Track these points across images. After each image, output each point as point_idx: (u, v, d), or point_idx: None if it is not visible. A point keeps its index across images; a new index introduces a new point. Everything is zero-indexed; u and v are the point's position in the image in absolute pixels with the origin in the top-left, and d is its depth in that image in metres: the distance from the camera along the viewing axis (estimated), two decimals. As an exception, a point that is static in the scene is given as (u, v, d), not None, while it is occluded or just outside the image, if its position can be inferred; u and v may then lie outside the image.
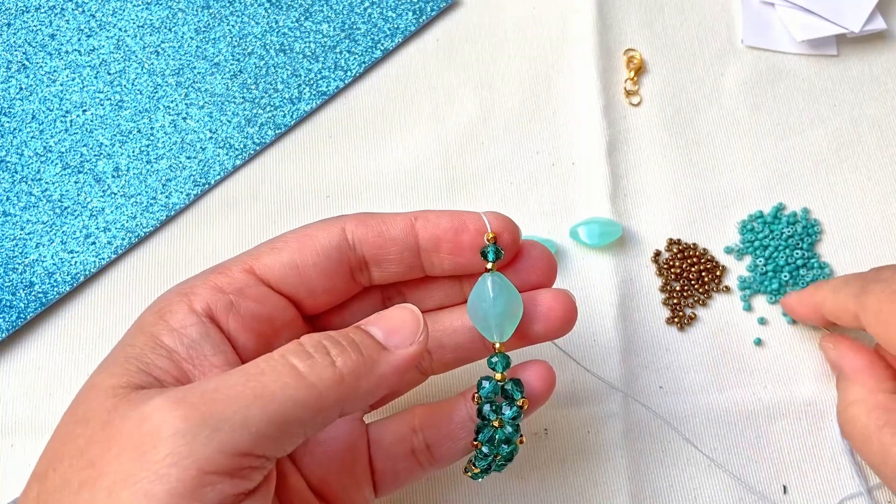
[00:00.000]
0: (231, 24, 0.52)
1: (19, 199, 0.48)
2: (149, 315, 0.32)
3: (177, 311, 0.32)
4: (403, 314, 0.32)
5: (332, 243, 0.34)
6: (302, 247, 0.34)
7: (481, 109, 0.52)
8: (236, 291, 0.33)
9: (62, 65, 0.51)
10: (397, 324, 0.32)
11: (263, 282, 0.34)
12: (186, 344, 0.31)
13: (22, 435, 0.45)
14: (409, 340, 0.32)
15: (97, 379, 0.30)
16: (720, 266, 0.50)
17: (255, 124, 0.51)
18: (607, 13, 0.54)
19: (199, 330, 0.32)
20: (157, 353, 0.31)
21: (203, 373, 0.31)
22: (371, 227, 0.35)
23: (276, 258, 0.34)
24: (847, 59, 0.55)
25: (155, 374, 0.30)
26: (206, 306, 0.32)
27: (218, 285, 0.33)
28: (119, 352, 0.31)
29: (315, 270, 0.34)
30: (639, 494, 0.45)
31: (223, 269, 0.34)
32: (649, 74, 0.54)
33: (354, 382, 0.30)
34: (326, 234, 0.34)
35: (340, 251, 0.34)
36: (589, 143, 0.52)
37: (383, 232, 0.35)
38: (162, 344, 0.31)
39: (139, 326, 0.32)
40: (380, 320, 0.32)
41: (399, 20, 0.53)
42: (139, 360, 0.31)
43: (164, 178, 0.49)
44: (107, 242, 0.48)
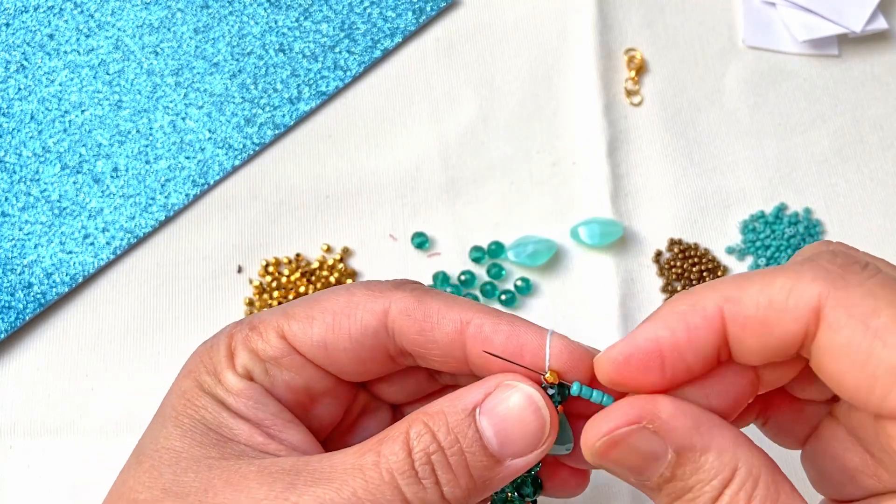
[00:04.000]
0: (230, 24, 0.52)
1: (18, 199, 0.48)
2: (204, 373, 0.31)
3: (225, 370, 0.31)
4: (526, 412, 0.28)
5: (370, 330, 0.31)
6: (336, 325, 0.31)
7: (481, 109, 0.52)
8: (272, 360, 0.31)
9: (61, 65, 0.51)
10: (517, 429, 0.28)
11: (297, 351, 0.31)
12: (251, 407, 0.30)
13: (21, 436, 0.45)
14: (528, 449, 0.28)
15: (176, 444, 0.29)
16: (722, 266, 0.50)
17: (255, 124, 0.50)
18: (608, 13, 0.54)
19: (255, 392, 0.31)
20: (234, 418, 0.30)
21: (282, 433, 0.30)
22: (415, 322, 0.30)
23: (306, 332, 0.31)
24: (849, 59, 0.55)
25: (241, 440, 0.29)
26: (245, 370, 0.31)
27: (254, 348, 0.31)
28: (192, 413, 0.30)
29: (346, 355, 0.31)
30: (639, 495, 0.45)
31: (259, 325, 0.32)
32: (650, 74, 0.53)
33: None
34: (364, 317, 0.30)
35: (377, 339, 0.31)
36: (589, 142, 0.51)
37: (427, 331, 0.30)
38: (230, 407, 0.30)
39: (197, 384, 0.31)
40: (496, 417, 0.28)
41: (399, 20, 0.53)
42: (220, 426, 0.29)
43: (163, 178, 0.49)
44: (105, 243, 0.48)
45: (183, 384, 0.31)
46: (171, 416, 0.30)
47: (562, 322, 0.48)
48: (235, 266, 0.49)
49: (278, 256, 0.49)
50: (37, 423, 0.45)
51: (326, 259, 0.49)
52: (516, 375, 0.28)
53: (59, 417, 0.46)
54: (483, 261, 0.49)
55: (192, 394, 0.30)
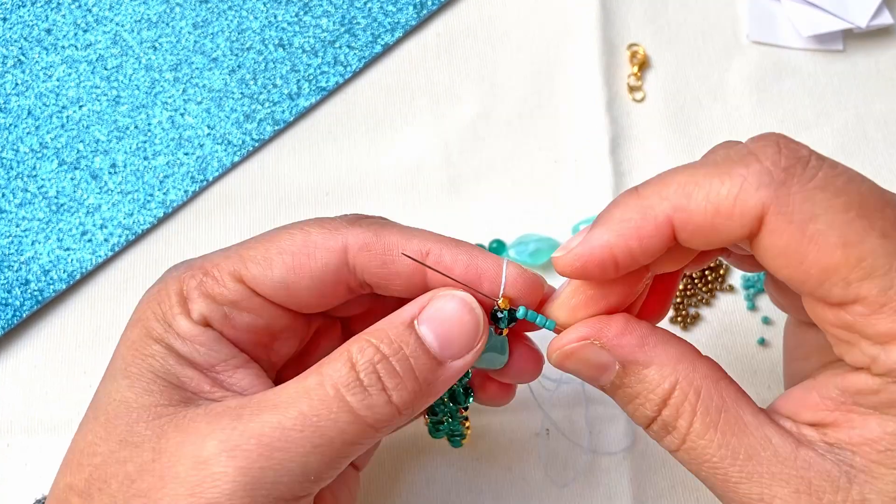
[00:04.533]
0: (229, 19, 0.52)
1: (15, 195, 0.48)
2: (153, 319, 0.31)
3: (178, 317, 0.31)
4: (462, 314, 0.30)
5: (330, 266, 0.31)
6: (297, 265, 0.31)
7: (482, 105, 0.52)
8: (230, 303, 0.31)
9: (58, 60, 0.50)
10: (454, 329, 0.29)
11: (256, 293, 0.32)
12: (202, 353, 0.31)
13: (18, 434, 0.45)
14: (466, 349, 0.30)
15: (127, 395, 0.30)
16: (724, 265, 0.49)
17: (254, 120, 0.50)
18: (611, 8, 0.54)
19: (208, 337, 0.31)
20: (181, 365, 0.30)
21: (231, 377, 0.31)
22: (375, 256, 0.31)
23: (267, 273, 0.31)
24: (853, 55, 0.54)
25: (189, 388, 0.30)
26: (202, 316, 0.31)
27: (210, 293, 0.31)
28: (140, 362, 0.30)
29: (307, 292, 0.32)
30: (640, 495, 0.45)
31: (213, 269, 0.32)
32: (653, 70, 0.53)
33: (408, 413, 0.29)
34: (325, 255, 0.31)
35: (338, 274, 0.32)
36: (592, 139, 0.51)
37: (388, 264, 0.31)
38: (180, 353, 0.31)
39: (147, 332, 0.31)
40: (434, 322, 0.29)
41: (399, 14, 0.52)
42: (167, 373, 0.30)
43: (162, 174, 0.49)
44: (103, 240, 0.48)
45: (131, 334, 0.31)
46: (120, 367, 0.31)
47: (563, 320, 0.48)
48: (234, 263, 0.49)
49: (277, 253, 0.49)
50: (34, 420, 0.45)
51: (326, 256, 0.49)
52: (447, 288, 0.30)
53: (56, 415, 0.45)
54: (484, 258, 0.49)
55: (140, 343, 0.31)
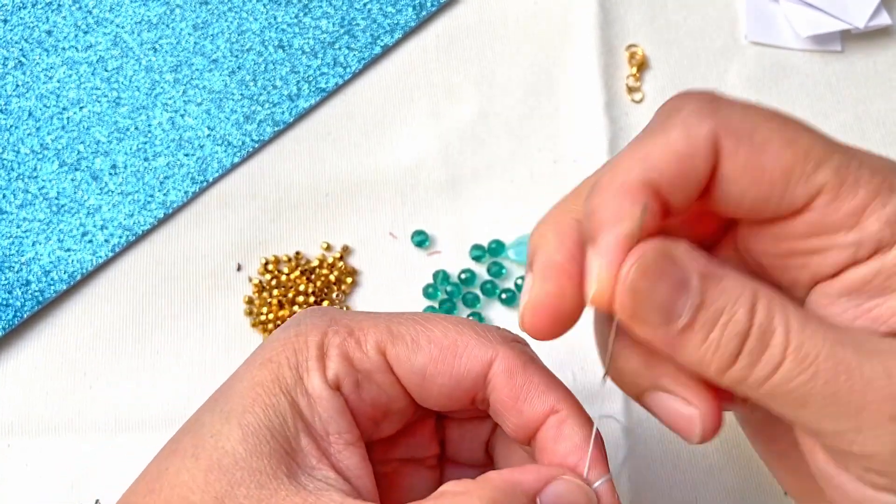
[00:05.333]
0: (229, 21, 0.52)
1: (15, 196, 0.48)
2: (286, 367, 0.30)
3: (313, 372, 0.30)
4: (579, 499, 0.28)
5: (471, 374, 0.30)
6: (441, 360, 0.30)
7: (482, 106, 0.52)
8: (365, 372, 0.30)
9: (59, 61, 0.50)
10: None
11: (392, 370, 0.31)
12: (323, 418, 0.29)
13: (19, 435, 0.45)
14: None
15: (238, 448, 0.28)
16: (723, 264, 0.49)
17: (254, 121, 0.50)
18: (609, 8, 0.54)
19: (334, 404, 0.30)
20: (299, 430, 0.29)
21: (340, 453, 0.29)
22: (513, 388, 0.30)
23: (410, 357, 0.30)
24: (852, 55, 0.54)
25: (298, 459, 0.29)
26: (336, 378, 0.30)
27: (350, 357, 0.30)
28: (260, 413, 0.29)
29: (439, 389, 0.31)
30: (640, 496, 0.45)
31: (360, 334, 0.31)
32: (652, 70, 0.53)
33: None
34: (471, 361, 0.30)
35: (475, 385, 0.31)
36: (591, 139, 0.51)
37: (520, 401, 0.30)
38: (302, 415, 0.29)
39: (276, 379, 0.29)
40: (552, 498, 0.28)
41: (399, 16, 0.52)
42: (285, 438, 0.28)
43: (162, 175, 0.49)
44: (104, 240, 0.48)
45: (258, 374, 0.30)
46: (237, 411, 0.29)
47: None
48: (235, 264, 0.49)
49: (278, 254, 0.49)
50: (35, 421, 0.45)
51: (326, 257, 0.49)
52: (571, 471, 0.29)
53: (57, 416, 0.46)
54: (483, 259, 0.49)
55: (266, 388, 0.29)
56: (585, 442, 0.30)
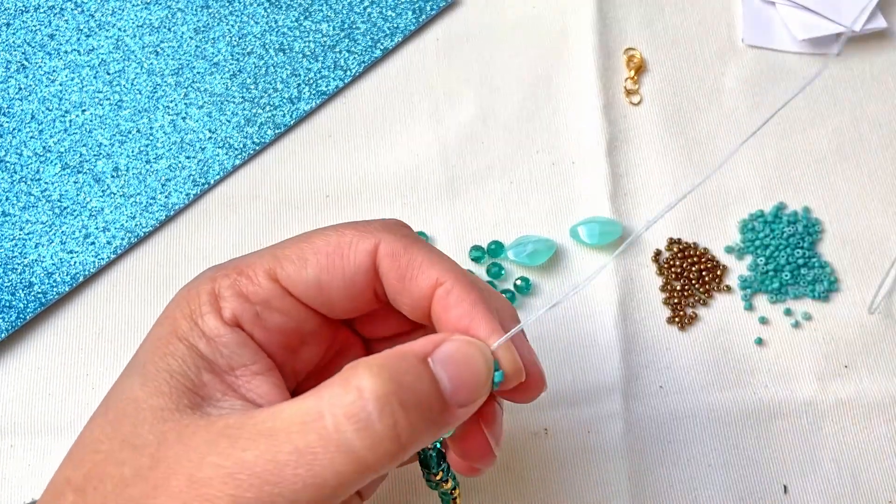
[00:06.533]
0: (230, 24, 0.52)
1: (18, 199, 0.48)
2: (181, 317, 0.31)
3: (207, 316, 0.31)
4: (477, 361, 0.29)
5: (362, 268, 0.32)
6: (330, 266, 0.31)
7: (481, 109, 0.52)
8: (262, 302, 0.31)
9: (61, 65, 0.51)
10: (468, 375, 0.29)
11: (289, 292, 0.32)
12: (225, 354, 0.30)
13: (21, 435, 0.45)
14: (473, 397, 0.29)
15: (138, 393, 0.29)
16: (721, 265, 0.50)
17: (255, 124, 0.50)
18: (607, 12, 0.54)
19: (234, 339, 0.30)
20: (200, 367, 0.30)
21: (249, 383, 0.30)
22: (398, 268, 0.32)
23: (301, 272, 0.31)
24: (848, 58, 0.55)
25: (201, 392, 0.29)
26: (233, 315, 0.31)
27: (243, 292, 0.31)
28: (158, 360, 0.30)
29: (339, 293, 0.32)
30: (639, 494, 0.45)
31: (247, 269, 0.32)
32: (649, 73, 0.54)
33: (408, 454, 0.27)
34: (357, 256, 0.32)
35: (368, 276, 0.32)
36: (589, 142, 0.51)
37: (406, 279, 0.32)
38: (202, 355, 0.30)
39: (172, 330, 0.31)
40: (449, 363, 0.28)
41: (399, 19, 0.53)
42: (184, 376, 0.29)
43: (164, 177, 0.49)
44: (106, 242, 0.48)
45: (157, 330, 0.31)
46: (138, 363, 0.30)
47: (561, 321, 0.48)
48: (236, 265, 0.49)
49: (278, 256, 0.49)
50: (37, 422, 0.46)
51: (326, 258, 0.49)
52: (460, 334, 0.30)
53: (59, 416, 0.46)
54: (483, 260, 0.49)
55: (163, 340, 0.30)
56: (474, 307, 0.31)
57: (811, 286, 0.49)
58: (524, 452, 0.46)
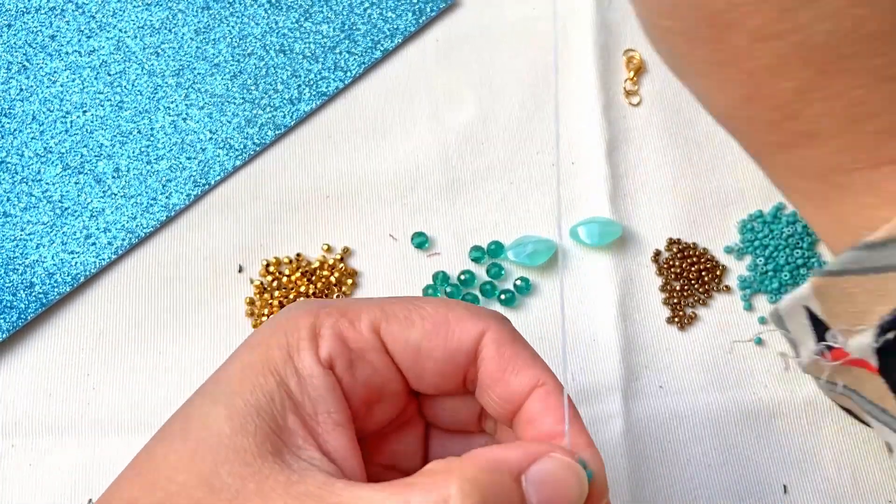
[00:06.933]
0: (231, 25, 0.52)
1: (20, 199, 0.48)
2: (276, 347, 0.29)
3: (305, 352, 0.29)
4: (572, 486, 0.28)
5: (464, 346, 0.31)
6: (434, 335, 0.31)
7: (481, 110, 0.52)
8: (359, 351, 0.30)
9: (62, 66, 0.51)
10: (559, 495, 0.27)
11: (386, 349, 0.31)
12: (312, 397, 0.29)
13: (22, 435, 0.45)
14: None
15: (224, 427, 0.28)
16: (720, 266, 0.50)
17: (255, 125, 0.51)
18: (607, 13, 0.54)
19: (325, 382, 0.29)
20: (286, 408, 0.29)
21: (327, 433, 0.29)
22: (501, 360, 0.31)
23: (405, 333, 0.30)
24: (847, 59, 0.55)
25: (284, 438, 0.28)
26: (329, 357, 0.30)
27: (344, 336, 0.30)
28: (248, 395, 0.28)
29: (434, 365, 0.31)
30: (639, 495, 0.45)
31: (352, 314, 0.31)
32: (649, 74, 0.54)
33: None
34: (462, 334, 0.31)
35: (466, 358, 0.31)
36: (589, 143, 0.52)
37: (507, 372, 0.30)
38: (290, 394, 0.29)
39: (265, 360, 0.29)
40: (543, 486, 0.27)
41: (399, 21, 0.53)
42: (271, 417, 0.28)
43: (165, 178, 0.49)
44: (107, 243, 0.48)
45: (249, 356, 0.30)
46: (225, 392, 0.29)
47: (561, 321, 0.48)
48: (236, 266, 0.49)
49: (279, 256, 0.49)
50: (38, 422, 0.46)
51: (327, 259, 0.49)
52: (558, 447, 0.28)
53: (60, 416, 0.46)
54: (483, 261, 0.49)
55: (255, 370, 0.29)
56: (575, 416, 0.30)
57: (810, 286, 0.50)
58: (524, 452, 0.46)
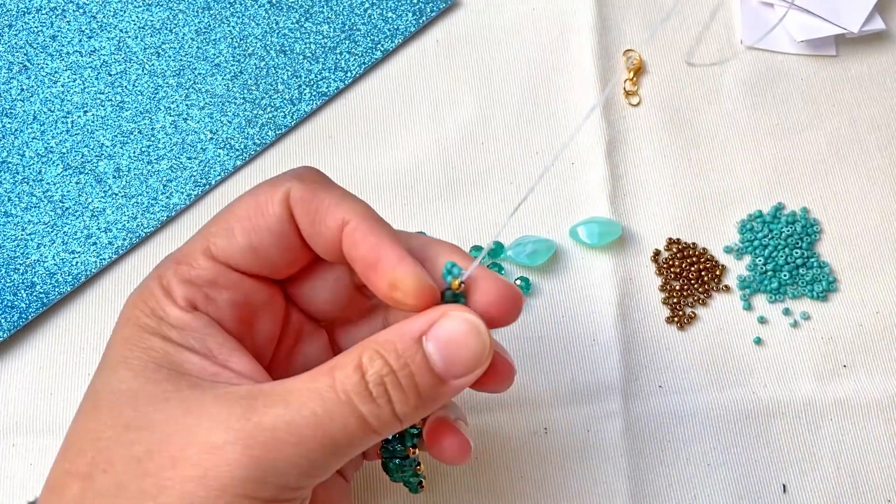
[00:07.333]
0: (231, 26, 0.52)
1: (21, 199, 0.48)
2: (143, 316, 0.31)
3: (167, 307, 0.31)
4: (469, 337, 0.30)
5: (284, 217, 0.32)
6: (254, 227, 0.32)
7: (481, 110, 0.52)
8: (208, 283, 0.32)
9: (63, 66, 0.51)
10: (461, 351, 0.29)
11: (230, 266, 0.32)
12: (198, 338, 0.31)
13: (23, 435, 0.45)
14: (468, 370, 0.30)
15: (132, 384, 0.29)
16: (720, 265, 0.50)
17: (256, 125, 0.51)
18: (606, 14, 0.54)
19: (200, 322, 0.31)
20: (182, 353, 0.30)
21: (230, 361, 0.31)
22: (307, 213, 0.32)
23: (231, 243, 0.32)
24: (846, 60, 0.55)
25: (194, 373, 0.30)
26: (187, 300, 0.31)
27: (188, 278, 0.32)
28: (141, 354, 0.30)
29: (274, 249, 0.32)
30: (639, 494, 0.45)
31: (184, 257, 0.32)
32: (648, 75, 0.54)
33: (408, 424, 0.30)
34: (273, 208, 0.32)
35: (290, 225, 0.32)
36: (588, 143, 0.52)
37: (316, 223, 0.32)
38: (179, 343, 0.31)
39: (139, 329, 0.31)
40: (442, 341, 0.29)
41: (399, 21, 0.53)
42: (171, 363, 0.30)
43: (165, 178, 0.49)
44: (108, 243, 0.48)
45: (123, 332, 0.31)
46: (119, 361, 0.30)
47: (560, 321, 0.48)
48: (237, 266, 0.49)
49: (279, 256, 0.49)
50: (39, 421, 0.46)
51: (327, 259, 0.49)
52: (459, 306, 0.31)
53: (61, 416, 0.46)
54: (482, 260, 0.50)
55: (136, 338, 0.31)
56: (380, 240, 0.31)
57: (810, 286, 0.50)
58: (524, 452, 0.46)
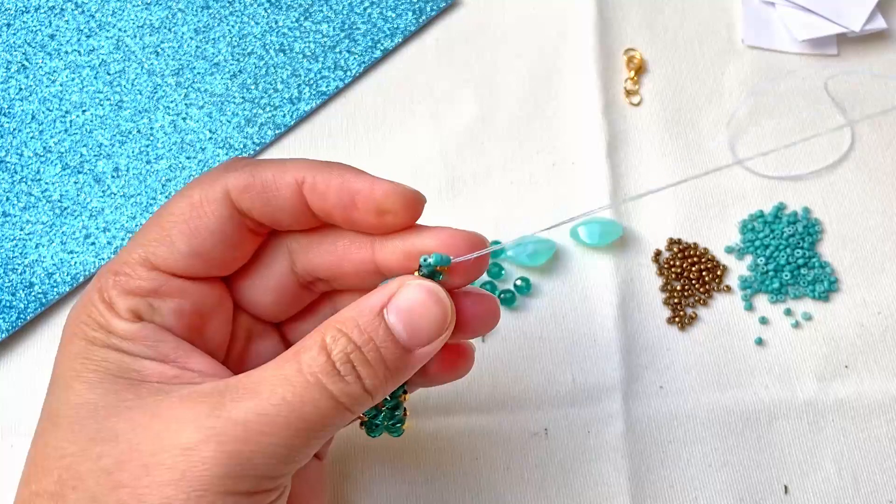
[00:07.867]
0: (231, 25, 0.52)
1: (19, 199, 0.48)
2: (90, 329, 0.30)
3: (112, 320, 0.30)
4: (429, 306, 0.30)
5: (224, 216, 0.31)
6: (194, 230, 0.31)
7: (481, 109, 0.52)
8: (151, 293, 0.31)
9: (62, 65, 0.51)
10: (423, 319, 0.29)
11: (172, 274, 0.31)
12: (151, 346, 0.30)
13: (22, 435, 0.45)
14: (433, 337, 0.30)
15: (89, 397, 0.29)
16: (721, 266, 0.50)
17: (255, 124, 0.51)
18: (607, 13, 0.54)
19: (149, 331, 0.30)
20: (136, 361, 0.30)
21: (188, 362, 0.30)
22: (257, 196, 0.31)
23: (171, 250, 0.31)
24: (847, 59, 0.55)
25: (154, 379, 0.30)
26: (131, 311, 0.30)
27: (129, 289, 0.31)
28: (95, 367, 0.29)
29: (217, 249, 0.31)
30: (639, 495, 0.45)
31: (123, 268, 0.31)
32: (649, 74, 0.54)
33: (379, 397, 0.30)
34: (212, 207, 0.31)
35: (234, 221, 0.31)
36: (589, 142, 0.52)
37: (270, 201, 0.31)
38: (132, 352, 0.30)
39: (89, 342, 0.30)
40: (402, 312, 0.29)
41: (399, 20, 0.53)
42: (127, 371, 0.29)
43: (164, 178, 0.49)
44: (106, 242, 0.48)
45: (71, 348, 0.30)
46: (71, 376, 0.30)
47: (561, 322, 0.48)
48: (236, 266, 0.49)
49: (279, 256, 0.49)
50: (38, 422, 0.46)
51: (327, 259, 0.49)
52: (415, 276, 0.31)
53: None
54: (483, 260, 0.49)
55: (87, 352, 0.30)
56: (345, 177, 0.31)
57: (811, 286, 0.49)
58: (524, 452, 0.46)
